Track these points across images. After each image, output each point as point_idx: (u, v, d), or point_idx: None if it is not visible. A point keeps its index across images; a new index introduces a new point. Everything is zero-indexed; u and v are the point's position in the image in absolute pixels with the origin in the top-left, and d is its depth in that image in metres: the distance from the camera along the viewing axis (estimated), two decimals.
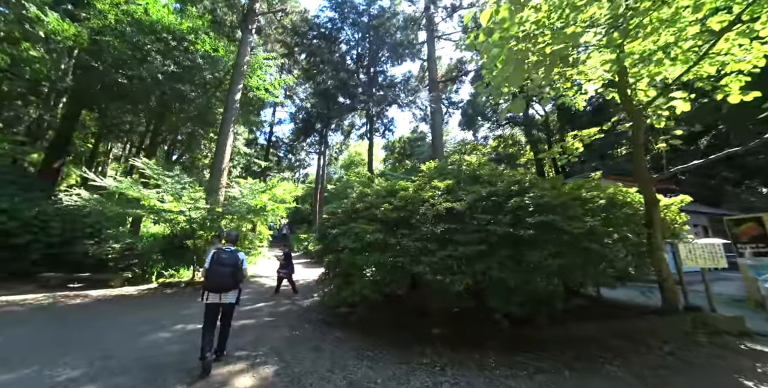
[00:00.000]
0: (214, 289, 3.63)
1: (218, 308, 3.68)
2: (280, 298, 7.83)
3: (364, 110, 13.93)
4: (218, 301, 3.64)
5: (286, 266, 8.46)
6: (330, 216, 6.10)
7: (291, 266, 8.61)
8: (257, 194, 10.46)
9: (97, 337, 4.59)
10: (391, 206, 4.98)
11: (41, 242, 9.09)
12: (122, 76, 12.37)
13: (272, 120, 20.47)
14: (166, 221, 9.59)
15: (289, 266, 8.54)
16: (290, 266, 8.56)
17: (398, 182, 5.85)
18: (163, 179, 8.27)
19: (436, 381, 3.43)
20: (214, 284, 3.63)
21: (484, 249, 4.25)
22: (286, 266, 8.48)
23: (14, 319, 5.46)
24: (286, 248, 9.48)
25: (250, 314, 6.12)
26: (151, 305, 6.66)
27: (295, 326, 5.43)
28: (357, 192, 6.35)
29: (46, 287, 8.42)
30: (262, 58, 14.11)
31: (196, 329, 4.97)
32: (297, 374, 3.51)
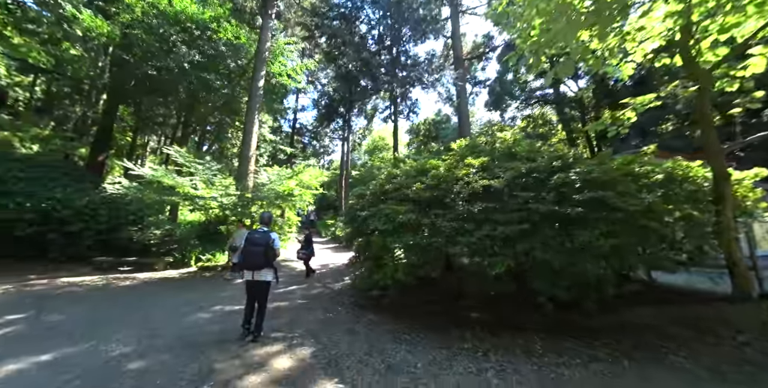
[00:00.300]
0: (247, 267, 3.85)
1: (256, 285, 3.88)
2: (312, 281, 7.92)
3: (388, 92, 13.46)
4: (251, 278, 3.85)
5: (306, 248, 8.53)
6: (358, 198, 5.95)
7: (311, 248, 8.66)
8: (284, 179, 10.53)
9: (144, 316, 4.80)
10: (422, 185, 4.73)
11: (92, 229, 9.73)
12: (152, 68, 12.68)
13: (295, 106, 20.55)
14: (200, 208, 9.94)
15: (309, 248, 8.58)
16: (310, 248, 8.60)
17: (429, 161, 5.56)
18: (195, 167, 8.47)
19: (481, 367, 3.24)
20: (247, 262, 3.85)
21: (526, 229, 3.92)
22: (306, 247, 8.54)
23: (75, 298, 5.87)
24: (307, 230, 9.53)
25: (284, 296, 6.21)
26: (191, 288, 6.95)
27: (328, 309, 5.42)
28: (385, 173, 6.13)
29: (99, 269, 9.05)
30: (283, 43, 13.92)
31: (233, 311, 5.10)
32: (334, 357, 3.45)
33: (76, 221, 9.59)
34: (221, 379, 2.91)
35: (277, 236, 4.09)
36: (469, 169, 4.85)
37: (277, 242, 3.98)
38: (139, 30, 12.47)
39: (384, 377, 3.03)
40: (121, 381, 2.85)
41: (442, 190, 4.63)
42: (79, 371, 3.00)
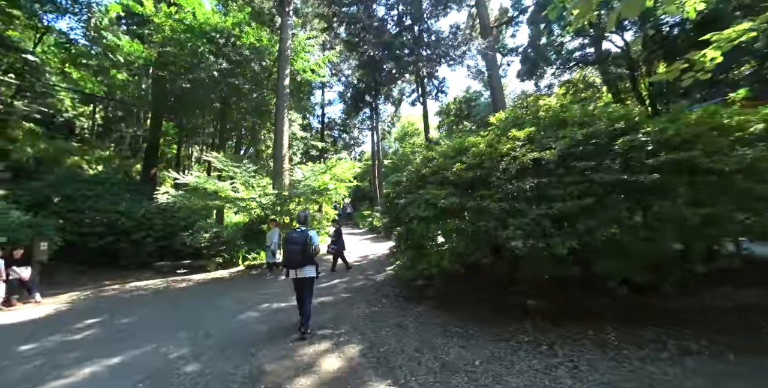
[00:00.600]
0: (289, 265, 3.99)
1: (300, 282, 3.98)
2: (354, 274, 7.86)
3: (413, 74, 12.84)
4: (296, 276, 3.95)
5: (336, 242, 8.37)
6: (394, 186, 5.66)
7: (341, 242, 8.50)
8: (318, 175, 10.54)
9: (199, 317, 4.98)
10: (463, 165, 4.29)
11: (151, 236, 10.52)
12: (185, 81, 13.27)
13: (322, 100, 20.52)
14: (242, 210, 10.28)
15: (339, 242, 8.42)
16: (340, 242, 8.44)
17: (467, 139, 5.08)
18: (233, 170, 8.70)
19: (548, 364, 2.86)
20: (287, 260, 4.00)
21: (588, 203, 3.38)
22: (336, 241, 8.38)
23: (141, 301, 6.32)
24: (337, 224, 9.40)
25: (327, 290, 6.17)
26: (239, 286, 7.19)
27: (372, 302, 5.27)
28: (420, 157, 5.75)
29: (160, 273, 9.79)
30: (303, 39, 13.81)
31: (279, 309, 5.12)
32: (383, 354, 3.25)
33: (137, 230, 10.43)
34: (271, 381, 2.83)
35: (315, 233, 4.17)
36: (514, 142, 4.32)
37: (315, 239, 4.06)
38: (171, 47, 13.00)
39: (439, 378, 2.76)
40: (179, 384, 2.88)
41: (485, 168, 4.17)
42: (141, 376, 3.09)
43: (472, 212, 3.92)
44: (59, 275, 9.65)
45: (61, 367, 3.44)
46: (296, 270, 3.92)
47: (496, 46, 13.70)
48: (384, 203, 6.28)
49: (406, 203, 4.84)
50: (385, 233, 7.28)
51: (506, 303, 4.34)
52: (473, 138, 4.97)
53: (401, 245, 6.10)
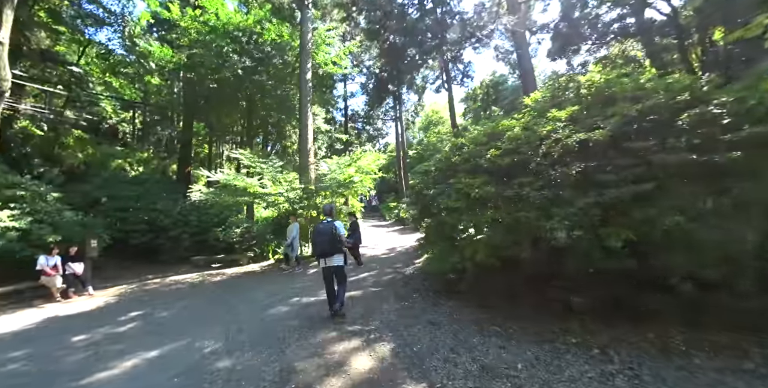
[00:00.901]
0: (318, 255, 4.32)
1: (329, 270, 4.25)
2: (383, 267, 7.72)
3: (437, 59, 12.28)
4: (325, 264, 4.23)
5: (352, 235, 7.96)
6: (423, 176, 5.39)
7: (357, 235, 8.19)
8: (344, 168, 10.45)
9: (232, 311, 5.07)
10: (498, 151, 3.94)
11: (187, 232, 11.01)
12: (212, 81, 13.62)
13: (344, 93, 20.45)
14: (270, 204, 10.46)
15: (355, 235, 8.09)
16: (356, 235, 8.11)
17: (500, 122, 4.68)
18: (260, 166, 8.80)
19: (603, 371, 2.54)
20: (316, 251, 4.34)
21: (647, 189, 2.95)
22: (352, 234, 7.99)
23: (179, 295, 6.58)
24: (354, 217, 8.97)
25: (356, 284, 6.07)
26: (269, 280, 7.30)
27: (402, 296, 5.10)
28: (449, 145, 5.43)
29: (197, 267, 10.22)
30: (323, 31, 13.64)
31: (309, 303, 5.08)
32: (417, 354, 3.07)
33: (174, 227, 10.93)
34: (301, 381, 2.74)
35: (341, 224, 4.46)
36: (555, 123, 3.89)
37: (341, 229, 4.32)
38: (197, 49, 13.33)
39: (479, 382, 2.53)
40: (211, 381, 2.87)
41: (522, 154, 3.79)
42: (177, 371, 3.13)
43: (509, 201, 3.58)
44: (108, 270, 10.36)
45: (106, 359, 3.58)
46: (325, 259, 4.20)
47: (527, 22, 12.76)
48: (412, 194, 6.03)
49: (436, 194, 4.58)
50: (414, 224, 7.05)
51: (547, 299, 3.98)
52: (507, 121, 4.56)
53: (431, 237, 5.86)
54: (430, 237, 5.91)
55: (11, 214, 7.06)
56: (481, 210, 3.94)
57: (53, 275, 7.17)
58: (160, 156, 23.84)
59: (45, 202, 8.09)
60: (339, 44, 14.82)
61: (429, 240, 6.02)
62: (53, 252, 7.34)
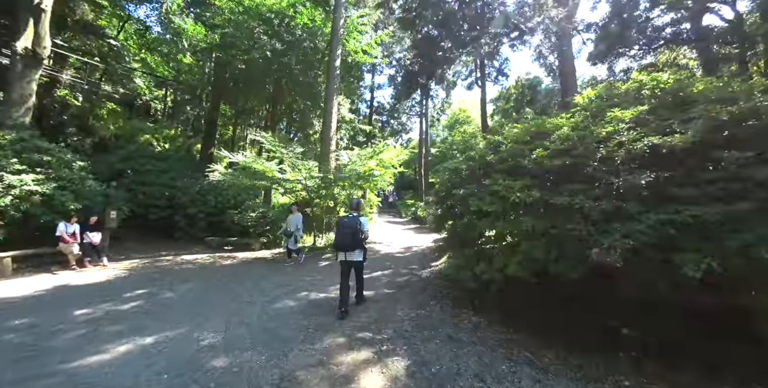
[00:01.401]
0: (340, 248, 4.26)
1: (348, 265, 4.28)
2: (398, 267, 7.34)
3: (471, 54, 11.61)
4: (344, 258, 4.24)
5: None
6: (451, 174, 4.92)
7: None
8: (365, 159, 10.08)
9: (237, 300, 4.82)
10: (545, 151, 3.43)
11: (204, 212, 10.99)
12: (241, 62, 13.48)
13: (372, 84, 19.97)
14: (290, 191, 10.26)
15: None
16: None
17: (546, 120, 4.15)
18: (280, 151, 8.55)
19: None
20: (339, 244, 4.25)
21: (743, 209, 2.39)
22: None
23: (187, 276, 6.43)
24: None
25: (369, 284, 5.71)
26: (280, 269, 7.06)
27: (419, 303, 4.70)
28: (482, 143, 4.94)
29: (209, 248, 10.19)
30: (356, 17, 13.19)
31: (318, 300, 4.77)
32: (436, 377, 2.67)
33: (191, 205, 10.93)
34: None
35: (366, 220, 4.43)
36: (617, 125, 3.34)
37: (365, 225, 4.34)
38: (229, 28, 13.20)
39: None
40: (202, 384, 2.58)
41: (575, 156, 3.27)
42: (166, 365, 2.86)
43: (556, 210, 3.09)
44: (126, 242, 10.50)
45: (102, 340, 3.39)
46: (345, 253, 4.21)
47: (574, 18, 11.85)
48: (437, 193, 5.58)
49: (466, 194, 4.11)
50: (435, 225, 6.62)
51: (590, 328, 3.48)
52: (555, 120, 4.02)
53: (454, 241, 5.41)
54: (452, 240, 5.46)
55: (36, 178, 7.12)
56: (520, 217, 3.46)
57: (71, 243, 7.22)
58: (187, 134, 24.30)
59: (70, 169, 8.14)
60: (371, 32, 14.36)
61: (451, 243, 5.57)
62: (72, 220, 7.38)
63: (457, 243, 5.33)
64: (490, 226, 3.72)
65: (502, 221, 3.55)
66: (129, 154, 11.46)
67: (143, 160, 11.25)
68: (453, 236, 5.39)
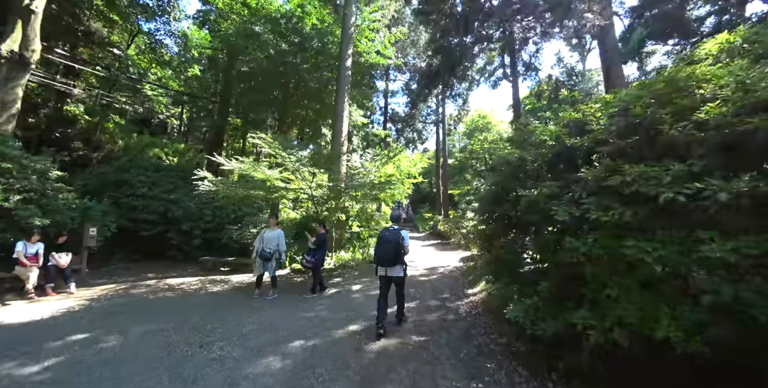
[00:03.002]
0: (380, 263, 3.97)
1: (388, 280, 4.01)
2: (425, 297, 5.73)
3: (498, 45, 10.26)
4: (385, 274, 3.97)
5: (316, 252, 5.95)
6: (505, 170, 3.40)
7: (322, 251, 6.13)
8: (379, 164, 8.70)
9: (200, 357, 3.35)
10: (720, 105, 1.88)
11: (199, 228, 9.75)
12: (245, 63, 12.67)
13: (386, 88, 18.90)
14: (295, 203, 8.95)
15: (321, 252, 6.04)
16: (321, 253, 6.06)
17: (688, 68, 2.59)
18: (280, 154, 7.26)
19: None
20: (379, 258, 3.96)
21: None
22: (316, 251, 5.97)
23: (156, 311, 5.02)
24: (323, 228, 6.42)
25: (390, 327, 4.14)
26: (272, 302, 5.56)
27: (469, 364, 3.09)
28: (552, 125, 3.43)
29: (203, 269, 8.85)
30: (368, 13, 12.21)
31: (318, 355, 3.22)
32: None
33: (186, 220, 9.73)
34: None
35: (407, 234, 4.10)
36: None
37: (406, 239, 4.02)
38: (233, 30, 12.48)
39: None
40: None
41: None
42: None
43: None
44: (111, 262, 9.32)
45: None
46: (386, 269, 3.96)
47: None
48: (481, 199, 4.06)
49: (545, 196, 2.59)
50: (480, 241, 5.08)
51: None
52: (704, 67, 2.45)
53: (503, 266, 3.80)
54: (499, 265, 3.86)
55: None
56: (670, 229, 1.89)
57: (29, 267, 6.00)
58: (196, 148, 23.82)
59: (43, 179, 7.10)
60: (384, 31, 13.36)
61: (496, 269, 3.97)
62: (33, 238, 6.18)
63: (505, 270, 3.75)
64: (606, 247, 2.15)
65: (641, 240, 1.97)
66: (123, 165, 10.48)
67: (136, 171, 10.21)
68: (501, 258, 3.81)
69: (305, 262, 5.92)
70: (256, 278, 5.95)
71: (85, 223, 7.77)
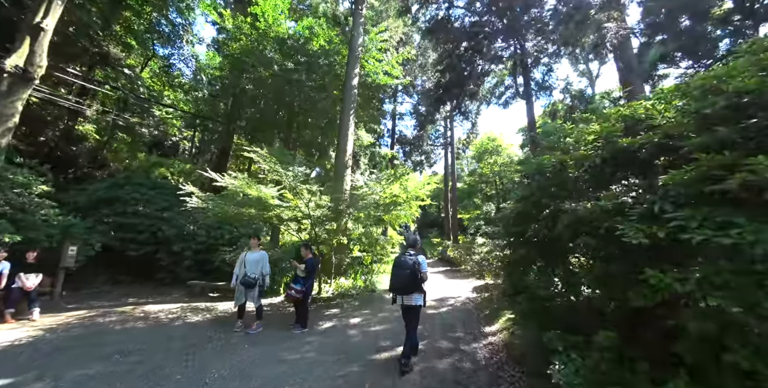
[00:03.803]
0: (395, 291, 3.73)
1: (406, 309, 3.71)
2: (434, 334, 4.82)
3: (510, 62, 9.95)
4: (402, 302, 3.70)
5: (305, 281, 5.02)
6: (539, 179, 2.72)
7: (311, 278, 5.22)
8: (385, 183, 8.09)
9: None
10: None
11: (191, 249, 9.08)
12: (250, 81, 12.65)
13: (393, 109, 18.81)
14: (293, 223, 8.27)
15: (309, 282, 5.12)
16: (311, 280, 5.17)
17: None
18: (276, 169, 6.71)
19: None
20: (395, 285, 3.71)
21: None
22: (305, 279, 5.03)
23: (115, 348, 4.23)
24: (310, 251, 5.41)
25: (393, 371, 3.28)
26: (259, 337, 4.72)
27: None
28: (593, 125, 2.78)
29: (191, 294, 8.08)
30: (375, 33, 12.23)
31: None
32: None
33: (178, 240, 9.10)
34: None
35: (424, 259, 3.77)
36: None
37: (424, 265, 3.70)
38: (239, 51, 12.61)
39: None
40: None
41: None
42: None
43: None
44: (95, 284, 8.61)
45: None
46: (403, 297, 3.71)
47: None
48: (508, 217, 3.34)
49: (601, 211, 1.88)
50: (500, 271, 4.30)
51: None
52: None
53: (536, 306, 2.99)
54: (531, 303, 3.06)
55: None
56: None
57: None
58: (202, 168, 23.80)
59: (25, 194, 6.65)
60: (392, 51, 13.35)
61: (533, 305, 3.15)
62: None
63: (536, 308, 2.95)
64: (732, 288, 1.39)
65: None
66: (117, 181, 10.09)
67: (131, 188, 9.78)
68: (531, 291, 3.02)
69: (292, 292, 4.97)
70: (238, 307, 5.16)
71: (65, 241, 7.20)
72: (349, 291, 7.85)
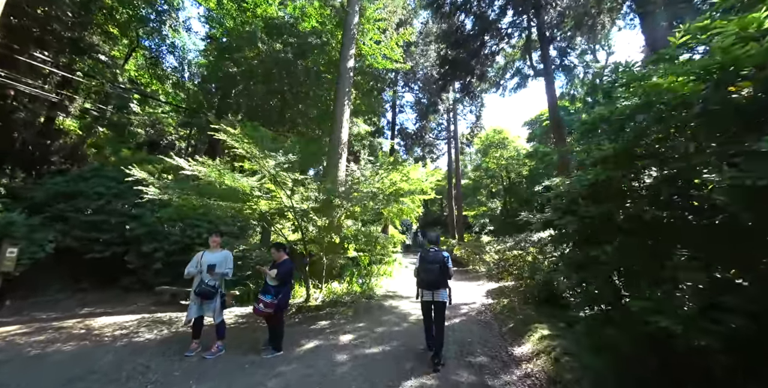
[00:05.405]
0: (426, 286, 3.64)
1: (429, 306, 3.70)
2: (450, 358, 3.64)
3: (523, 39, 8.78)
4: (431, 299, 3.63)
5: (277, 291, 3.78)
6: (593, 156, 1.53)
7: (287, 288, 3.94)
8: (384, 170, 6.93)
9: None
10: None
11: (163, 250, 7.93)
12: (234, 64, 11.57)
13: (393, 100, 17.61)
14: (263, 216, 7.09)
15: (285, 289, 3.85)
16: (286, 289, 3.88)
17: None
18: (253, 152, 5.55)
19: None
20: (424, 281, 3.64)
21: None
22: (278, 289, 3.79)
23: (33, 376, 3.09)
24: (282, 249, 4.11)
25: None
26: (211, 367, 3.54)
27: None
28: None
29: (158, 303, 6.95)
30: (372, 10, 11.09)
31: None
32: None
33: (149, 240, 7.95)
34: None
35: (449, 254, 3.77)
36: None
37: (449, 260, 3.69)
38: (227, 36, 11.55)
39: None
40: None
41: None
42: None
43: None
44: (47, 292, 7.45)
45: None
46: (432, 292, 3.61)
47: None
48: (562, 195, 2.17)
49: None
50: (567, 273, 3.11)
51: None
52: None
53: None
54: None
55: None
56: None
57: None
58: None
59: None
60: (392, 32, 12.19)
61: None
62: None
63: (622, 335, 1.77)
64: None
65: None
66: (82, 173, 8.95)
67: (97, 181, 8.63)
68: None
69: (261, 306, 3.72)
70: (193, 323, 3.98)
71: (2, 242, 6.06)
72: (343, 298, 6.69)
